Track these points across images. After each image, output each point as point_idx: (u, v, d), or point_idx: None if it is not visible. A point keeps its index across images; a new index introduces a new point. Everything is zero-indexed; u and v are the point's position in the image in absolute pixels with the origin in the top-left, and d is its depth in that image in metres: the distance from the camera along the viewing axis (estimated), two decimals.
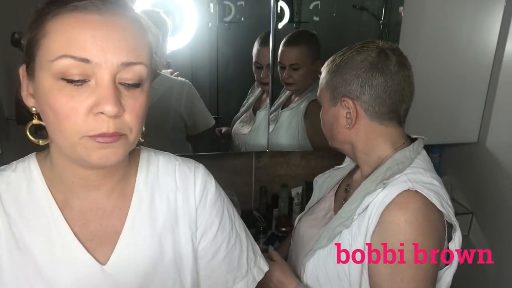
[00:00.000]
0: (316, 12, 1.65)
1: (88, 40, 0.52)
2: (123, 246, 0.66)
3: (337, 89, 0.89)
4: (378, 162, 0.90)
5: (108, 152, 0.56)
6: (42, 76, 0.54)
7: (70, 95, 0.53)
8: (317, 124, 1.01)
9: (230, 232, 0.77)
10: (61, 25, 0.52)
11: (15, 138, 1.38)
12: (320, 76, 0.95)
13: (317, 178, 1.15)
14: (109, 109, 0.53)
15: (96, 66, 0.52)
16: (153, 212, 0.70)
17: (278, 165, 1.86)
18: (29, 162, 0.67)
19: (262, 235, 1.73)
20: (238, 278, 0.77)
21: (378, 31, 1.69)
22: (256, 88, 1.65)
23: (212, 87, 1.62)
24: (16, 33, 1.05)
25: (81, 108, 0.53)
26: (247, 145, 1.62)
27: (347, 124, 0.90)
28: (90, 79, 0.53)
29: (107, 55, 0.53)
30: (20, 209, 0.63)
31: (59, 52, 0.52)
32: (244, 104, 1.67)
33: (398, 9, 1.64)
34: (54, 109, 0.53)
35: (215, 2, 1.51)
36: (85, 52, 0.52)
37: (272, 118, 1.61)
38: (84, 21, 0.52)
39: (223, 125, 1.70)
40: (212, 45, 1.56)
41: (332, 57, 0.93)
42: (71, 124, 0.53)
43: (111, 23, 0.53)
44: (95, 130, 0.54)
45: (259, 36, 1.56)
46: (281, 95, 1.65)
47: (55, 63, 0.52)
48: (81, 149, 0.55)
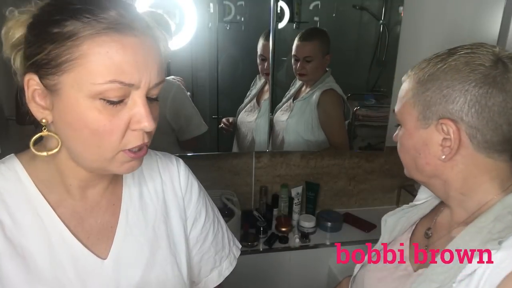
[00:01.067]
0: (316, 12, 1.65)
1: (132, 66, 0.55)
2: (120, 239, 0.69)
3: (433, 106, 0.68)
4: (479, 206, 0.70)
5: (136, 163, 0.62)
6: (77, 95, 0.55)
7: (111, 114, 0.56)
8: (329, 113, 0.96)
9: (213, 217, 0.84)
10: (102, 48, 0.53)
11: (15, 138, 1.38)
12: (405, 87, 0.75)
13: (387, 217, 0.91)
14: (148, 126, 0.58)
15: (135, 88, 0.56)
16: (144, 205, 0.73)
17: (278, 165, 1.86)
18: (11, 164, 0.65)
19: (262, 235, 1.73)
20: (224, 258, 0.86)
21: (378, 31, 1.70)
22: (259, 80, 1.70)
23: (212, 87, 1.62)
24: None
25: (122, 126, 0.57)
26: (254, 130, 1.72)
27: (443, 154, 0.68)
28: (127, 98, 0.57)
29: (146, 78, 0.56)
30: (11, 213, 0.62)
31: (107, 77, 0.53)
32: (248, 95, 1.72)
33: (398, 9, 1.64)
34: (93, 128, 0.56)
35: (215, 2, 1.51)
36: (131, 77, 0.55)
37: (285, 108, 1.73)
38: (125, 45, 0.54)
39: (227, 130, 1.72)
40: (212, 45, 1.56)
41: (422, 63, 0.72)
42: (112, 141, 0.57)
43: (146, 46, 0.56)
44: (133, 144, 0.59)
45: (263, 33, 1.61)
46: (291, 88, 1.73)
47: (100, 86, 0.53)
48: (114, 163, 0.60)
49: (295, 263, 1.71)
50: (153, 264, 0.71)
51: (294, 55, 1.65)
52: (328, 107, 1.69)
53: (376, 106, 1.77)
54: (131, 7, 0.58)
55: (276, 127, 1.73)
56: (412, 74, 0.73)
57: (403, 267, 0.79)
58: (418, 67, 0.72)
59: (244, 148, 1.75)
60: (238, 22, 1.58)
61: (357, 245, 1.74)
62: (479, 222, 0.67)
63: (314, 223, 1.79)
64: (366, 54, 1.73)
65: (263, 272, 1.70)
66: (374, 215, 1.94)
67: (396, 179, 2.01)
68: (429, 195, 0.87)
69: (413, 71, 0.73)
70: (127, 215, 0.71)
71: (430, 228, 0.81)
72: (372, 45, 1.71)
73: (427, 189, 0.84)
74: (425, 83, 0.69)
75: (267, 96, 1.68)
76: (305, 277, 1.75)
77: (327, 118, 1.71)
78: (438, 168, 0.70)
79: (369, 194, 2.02)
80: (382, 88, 1.76)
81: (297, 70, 1.66)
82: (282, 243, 1.72)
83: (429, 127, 0.69)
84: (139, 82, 0.56)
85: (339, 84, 1.70)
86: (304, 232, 1.76)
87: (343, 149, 1.85)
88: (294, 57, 1.65)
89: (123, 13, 0.55)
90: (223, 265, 0.86)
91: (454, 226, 0.73)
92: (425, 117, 0.69)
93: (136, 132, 0.58)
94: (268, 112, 1.68)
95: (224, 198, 1.74)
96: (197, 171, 0.87)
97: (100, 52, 0.53)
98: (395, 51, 1.67)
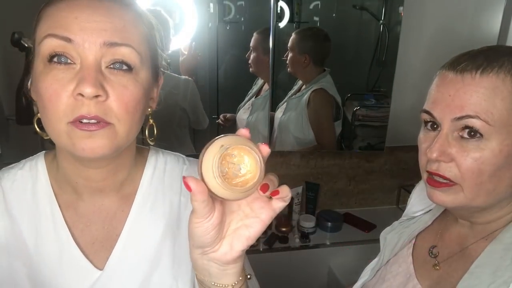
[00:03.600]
0: (316, 12, 1.65)
1: (72, 21, 0.52)
2: (120, 251, 0.64)
3: None
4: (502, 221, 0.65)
5: (93, 143, 0.53)
6: (35, 63, 0.55)
7: (55, 78, 0.52)
8: (318, 112, 0.95)
9: None
10: (50, 11, 0.54)
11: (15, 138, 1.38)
12: (496, 87, 0.58)
13: (385, 234, 0.86)
14: (87, 89, 0.50)
15: (79, 47, 0.52)
16: (154, 216, 0.67)
17: (278, 165, 1.86)
18: (36, 161, 0.65)
19: (262, 235, 1.73)
20: None
21: (378, 31, 1.69)
22: (260, 79, 1.71)
23: (212, 87, 1.62)
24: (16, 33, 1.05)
25: (63, 91, 0.51)
26: (245, 127, 1.73)
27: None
28: (75, 61, 0.53)
29: (88, 35, 0.52)
30: (23, 210, 0.62)
31: (45, 32, 0.53)
32: (249, 94, 1.73)
33: (398, 9, 1.64)
34: (40, 94, 0.53)
35: (215, 2, 1.51)
36: (68, 32, 0.52)
37: (282, 105, 1.78)
38: (70, 5, 0.53)
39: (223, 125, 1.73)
40: (212, 45, 1.56)
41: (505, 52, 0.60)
42: (53, 108, 0.52)
43: (96, 6, 0.53)
44: (74, 113, 0.51)
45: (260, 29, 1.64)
46: (294, 87, 1.75)
47: (42, 45, 0.53)
48: (66, 139, 0.53)
49: (295, 263, 1.71)
50: (147, 284, 0.65)
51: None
52: (317, 106, 1.71)
53: (376, 106, 1.77)
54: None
55: (274, 125, 1.76)
56: (506, 73, 0.58)
57: (411, 286, 0.75)
58: (509, 62, 0.59)
59: None
60: (238, 22, 1.58)
61: (357, 245, 1.74)
62: (504, 238, 0.63)
63: (314, 223, 1.79)
64: (366, 54, 1.73)
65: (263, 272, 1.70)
66: (374, 215, 1.94)
67: (396, 179, 2.01)
68: (425, 206, 0.82)
69: (503, 68, 0.58)
70: (132, 226, 0.66)
71: (434, 246, 0.75)
72: (372, 45, 1.71)
73: (422, 200, 0.81)
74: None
75: (261, 94, 1.70)
76: (305, 277, 1.75)
77: (316, 117, 1.74)
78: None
79: (369, 194, 2.02)
80: (382, 88, 1.76)
81: (285, 59, 1.70)
82: (282, 243, 1.72)
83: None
84: (79, 38, 0.52)
85: (339, 84, 1.70)
86: (304, 232, 1.76)
87: (330, 149, 1.85)
88: None
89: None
90: None
91: (470, 242, 0.68)
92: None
93: (78, 100, 0.51)
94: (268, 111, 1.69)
95: None
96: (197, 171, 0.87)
97: (48, 15, 0.54)
98: (395, 51, 1.67)
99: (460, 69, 0.60)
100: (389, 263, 0.83)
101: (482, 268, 0.63)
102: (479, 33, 1.66)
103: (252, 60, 1.64)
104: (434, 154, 0.61)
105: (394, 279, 0.79)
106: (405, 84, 1.70)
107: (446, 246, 0.74)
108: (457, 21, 1.67)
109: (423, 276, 0.74)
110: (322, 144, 1.78)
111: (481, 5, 1.65)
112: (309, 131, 1.74)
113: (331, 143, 1.81)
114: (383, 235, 0.87)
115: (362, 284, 0.87)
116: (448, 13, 1.67)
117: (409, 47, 1.68)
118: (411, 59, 1.69)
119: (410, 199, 0.89)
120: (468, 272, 0.64)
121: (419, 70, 1.70)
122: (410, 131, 0.96)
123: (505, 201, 0.64)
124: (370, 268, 0.87)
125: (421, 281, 0.74)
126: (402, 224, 0.85)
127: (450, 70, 0.62)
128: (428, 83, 0.67)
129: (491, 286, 0.60)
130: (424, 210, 0.83)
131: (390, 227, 0.87)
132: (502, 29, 1.63)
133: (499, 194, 0.62)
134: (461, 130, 0.60)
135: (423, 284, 0.73)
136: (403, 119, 1.69)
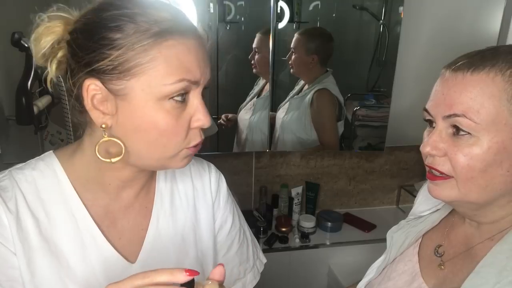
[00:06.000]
0: (316, 12, 1.65)
1: (195, 65, 0.58)
2: (150, 244, 0.69)
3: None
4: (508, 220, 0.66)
5: (191, 158, 0.64)
6: (146, 97, 0.56)
7: (177, 114, 0.58)
8: (321, 112, 0.96)
9: (240, 227, 0.82)
10: (171, 51, 0.55)
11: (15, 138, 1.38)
12: (486, 87, 0.59)
13: (392, 233, 0.86)
14: (207, 123, 0.61)
15: (197, 85, 0.59)
16: (175, 211, 0.73)
17: (278, 165, 1.86)
18: (50, 161, 0.65)
19: (262, 235, 1.73)
20: (248, 270, 0.83)
21: (378, 31, 1.70)
22: (262, 80, 1.71)
23: (212, 87, 1.62)
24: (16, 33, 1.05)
25: (185, 125, 0.59)
26: (248, 127, 1.75)
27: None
28: (187, 97, 0.59)
29: (205, 75, 0.60)
30: (46, 210, 0.62)
31: (177, 76, 0.55)
32: (250, 94, 1.73)
33: (398, 9, 1.64)
34: (162, 128, 0.57)
35: (215, 2, 1.51)
36: (195, 75, 0.57)
37: (284, 105, 1.77)
38: (189, 47, 0.57)
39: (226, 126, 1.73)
40: (212, 45, 1.56)
41: (498, 52, 0.61)
42: (178, 140, 0.59)
43: (203, 46, 0.60)
44: (195, 142, 0.62)
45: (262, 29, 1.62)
46: (296, 87, 1.75)
47: (171, 86, 0.55)
48: (175, 159, 0.62)
49: (295, 263, 1.71)
50: None
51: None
52: (320, 106, 1.70)
53: (376, 106, 1.77)
54: (177, 7, 0.60)
55: (276, 125, 1.75)
56: (497, 71, 0.58)
57: (416, 285, 0.75)
58: (504, 61, 0.59)
59: (242, 145, 1.76)
60: (238, 22, 1.58)
61: (357, 245, 1.74)
62: (511, 238, 0.63)
63: (314, 223, 1.79)
64: (366, 54, 1.73)
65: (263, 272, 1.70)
66: (374, 215, 1.95)
67: (396, 179, 2.01)
68: (432, 205, 0.83)
69: (496, 67, 0.59)
70: (158, 219, 0.70)
71: (440, 245, 0.76)
72: (372, 45, 1.71)
73: (429, 200, 0.81)
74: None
75: (263, 94, 1.69)
76: (305, 277, 1.75)
77: (319, 117, 1.73)
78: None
79: (369, 194, 2.03)
80: (382, 88, 1.76)
81: (287, 60, 1.69)
82: (282, 243, 1.72)
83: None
84: (200, 79, 0.58)
85: (339, 84, 1.70)
86: (304, 232, 1.76)
87: (333, 149, 1.85)
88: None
89: (177, 15, 0.57)
90: (247, 277, 0.83)
91: (476, 242, 0.68)
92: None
93: (196, 130, 0.61)
94: (269, 111, 1.68)
95: None
96: None
97: (170, 55, 0.55)
98: (395, 51, 1.67)
99: (455, 68, 0.62)
100: (395, 261, 0.83)
101: (488, 268, 0.63)
102: (479, 33, 1.66)
103: (257, 60, 1.63)
104: (426, 149, 0.64)
105: (400, 278, 0.79)
106: (405, 84, 1.70)
107: (452, 246, 0.74)
108: (457, 21, 1.67)
109: (428, 275, 0.74)
110: (325, 144, 1.78)
111: (481, 5, 1.65)
112: (312, 131, 1.74)
113: (334, 143, 1.81)
114: (389, 234, 0.87)
115: (368, 282, 0.87)
116: (448, 13, 1.67)
117: (409, 47, 1.68)
118: (411, 59, 1.69)
119: (417, 198, 0.89)
120: (474, 271, 0.64)
121: (419, 70, 1.70)
122: (410, 131, 0.96)
123: (503, 199, 0.64)
124: (376, 266, 0.87)
125: (426, 280, 0.74)
126: (410, 223, 0.85)
127: (448, 69, 0.64)
128: (428, 83, 0.68)
129: (496, 286, 0.60)
130: (431, 209, 0.83)
131: (397, 226, 0.87)
132: (502, 29, 1.63)
133: (494, 191, 0.62)
134: (452, 127, 0.62)
135: (429, 283, 0.73)
136: (403, 119, 1.69)
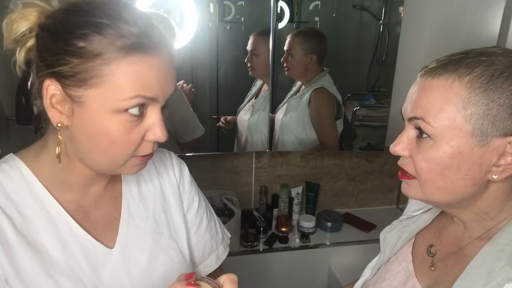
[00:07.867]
0: (316, 12, 1.65)
1: (155, 82, 0.58)
2: (125, 229, 0.73)
3: (496, 123, 0.57)
4: (498, 223, 0.66)
5: (143, 165, 0.66)
6: (101, 109, 0.57)
7: (130, 127, 0.59)
8: (320, 111, 0.96)
9: (206, 205, 0.89)
10: (131, 68, 0.56)
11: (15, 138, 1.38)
12: (446, 93, 0.59)
13: (385, 234, 0.86)
14: (163, 138, 0.61)
15: (155, 102, 0.59)
16: (143, 197, 0.77)
17: (278, 165, 1.86)
18: (13, 163, 0.66)
19: (262, 235, 1.73)
20: (219, 242, 0.91)
21: (378, 31, 1.70)
22: (259, 80, 1.71)
23: (212, 87, 1.62)
24: None
25: (138, 138, 0.60)
26: (247, 128, 1.75)
27: (494, 174, 0.59)
28: (145, 111, 0.60)
29: (165, 91, 0.60)
30: (19, 209, 0.63)
31: (132, 92, 0.56)
32: (248, 95, 1.73)
33: (398, 9, 1.64)
34: (112, 139, 0.59)
35: (215, 2, 1.51)
36: (153, 92, 0.58)
37: (282, 106, 1.77)
38: (151, 65, 0.58)
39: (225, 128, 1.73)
40: (212, 45, 1.56)
41: (463, 61, 0.59)
42: (126, 151, 0.61)
43: (167, 63, 0.60)
44: (144, 153, 0.63)
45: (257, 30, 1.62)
46: (293, 87, 1.76)
47: (126, 102, 0.57)
48: (125, 167, 0.63)
49: (295, 263, 1.71)
50: (158, 250, 0.75)
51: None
52: (318, 106, 1.70)
53: (376, 106, 1.77)
54: (149, 20, 0.59)
55: (275, 126, 1.75)
56: (464, 76, 0.58)
57: (410, 285, 0.76)
58: (466, 67, 0.58)
59: (242, 146, 1.76)
60: (238, 22, 1.58)
61: (357, 245, 1.74)
62: (500, 238, 0.63)
63: (314, 223, 1.79)
64: (366, 54, 1.73)
65: (263, 272, 1.70)
66: (374, 215, 1.95)
67: (396, 179, 2.00)
68: (424, 205, 0.82)
69: (464, 73, 0.58)
70: (129, 206, 0.75)
71: (432, 245, 0.76)
72: (372, 45, 1.71)
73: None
74: (486, 92, 0.56)
75: (261, 95, 1.69)
76: (305, 277, 1.75)
77: (318, 117, 1.73)
78: (477, 189, 0.61)
79: (369, 194, 2.02)
80: (382, 88, 1.76)
81: (282, 62, 1.68)
82: (282, 243, 1.72)
83: (487, 144, 0.58)
84: (158, 96, 0.59)
85: (339, 84, 1.70)
86: (304, 232, 1.76)
87: (333, 148, 1.85)
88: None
89: (145, 31, 0.57)
90: (219, 249, 0.91)
91: (466, 242, 0.69)
92: (483, 133, 0.57)
93: (150, 142, 0.62)
94: (268, 112, 1.68)
95: (224, 198, 1.74)
96: (197, 171, 0.87)
97: (128, 72, 0.56)
98: (395, 51, 1.67)
99: (425, 71, 0.64)
100: (389, 261, 0.83)
101: (477, 269, 0.63)
102: (479, 33, 1.66)
103: (254, 62, 1.62)
104: (394, 148, 0.67)
105: (394, 278, 0.79)
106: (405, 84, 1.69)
107: (444, 246, 0.74)
108: (457, 21, 1.67)
109: (422, 275, 0.75)
110: (325, 143, 1.78)
111: (481, 5, 1.65)
112: (311, 131, 1.74)
113: (333, 142, 1.81)
114: (382, 235, 0.87)
115: (363, 282, 0.88)
116: (448, 13, 1.67)
117: (409, 47, 1.68)
118: (411, 59, 1.69)
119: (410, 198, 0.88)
120: (463, 273, 0.64)
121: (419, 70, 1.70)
122: None
123: (470, 199, 0.64)
124: (371, 267, 0.88)
125: (420, 280, 0.74)
126: (402, 223, 0.86)
127: (420, 72, 0.66)
128: None
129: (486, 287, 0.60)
130: (423, 209, 0.83)
131: (390, 227, 0.88)
132: (502, 29, 1.63)
133: (456, 194, 0.63)
134: (416, 129, 0.64)
135: (422, 283, 0.74)
136: None
